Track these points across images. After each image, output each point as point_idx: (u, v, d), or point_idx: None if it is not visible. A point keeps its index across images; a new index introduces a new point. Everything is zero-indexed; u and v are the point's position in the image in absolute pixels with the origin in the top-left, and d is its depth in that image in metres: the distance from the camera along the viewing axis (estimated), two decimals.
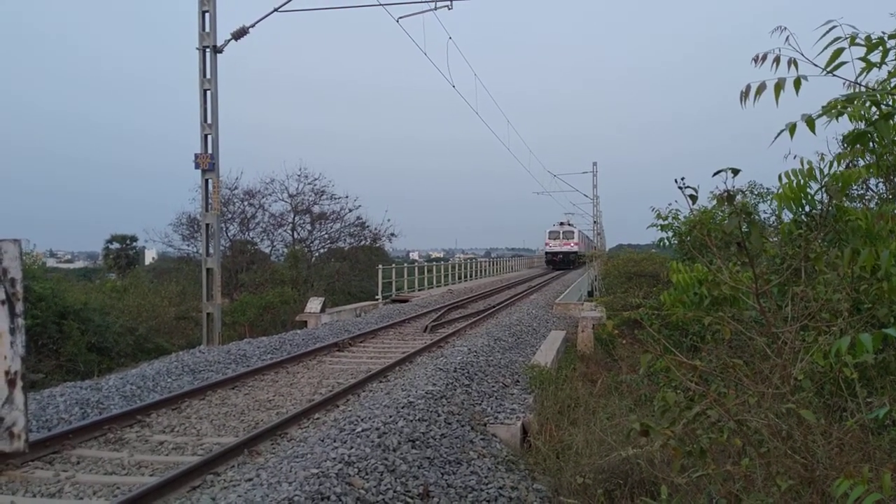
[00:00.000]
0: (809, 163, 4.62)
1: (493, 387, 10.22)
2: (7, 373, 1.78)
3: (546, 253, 65.13)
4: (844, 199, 4.84)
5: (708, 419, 3.47)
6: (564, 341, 15.64)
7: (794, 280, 4.03)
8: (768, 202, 13.68)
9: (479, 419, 8.45)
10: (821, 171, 4.59)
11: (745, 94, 2.66)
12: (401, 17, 17.90)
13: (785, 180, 4.69)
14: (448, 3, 18.05)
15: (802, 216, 4.94)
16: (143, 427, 7.83)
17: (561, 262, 61.79)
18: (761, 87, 2.63)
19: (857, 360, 2.98)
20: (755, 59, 2.72)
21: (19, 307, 1.85)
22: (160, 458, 6.74)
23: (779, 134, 2.69)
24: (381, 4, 17.29)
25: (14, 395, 1.75)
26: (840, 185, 4.12)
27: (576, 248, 62.57)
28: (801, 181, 4.64)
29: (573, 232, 63.79)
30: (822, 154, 5.09)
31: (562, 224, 64.79)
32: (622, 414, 7.99)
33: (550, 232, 64.40)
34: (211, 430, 7.73)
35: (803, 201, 4.75)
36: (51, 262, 75.34)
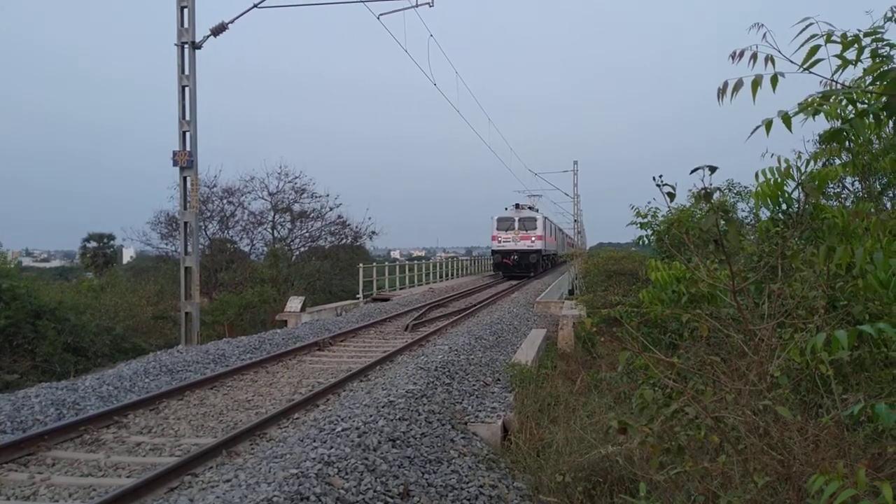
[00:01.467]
0: (787, 161, 4.67)
1: (473, 385, 10.21)
2: None
3: (494, 252, 41.85)
4: (821, 197, 4.89)
5: (686, 416, 3.48)
6: (545, 339, 15.68)
7: (771, 277, 4.06)
8: (747, 201, 13.82)
9: (460, 418, 8.44)
10: (798, 169, 4.64)
11: (722, 91, 2.67)
12: (381, 14, 17.90)
13: (762, 178, 4.73)
14: (429, 0, 18.04)
15: (779, 214, 4.99)
16: (119, 428, 7.73)
17: (517, 267, 40.22)
18: (738, 84, 2.64)
19: (833, 356, 3.00)
20: (732, 56, 2.73)
21: None
22: (137, 460, 6.67)
23: (754, 130, 2.70)
24: (361, 1, 17.25)
25: None
26: (816, 183, 4.16)
27: (539, 246, 40.88)
28: (778, 179, 4.68)
29: (536, 220, 41.38)
30: (800, 153, 5.13)
31: (519, 207, 42.31)
32: (602, 412, 8.02)
33: (500, 220, 41.34)
34: (189, 431, 7.65)
35: (780, 199, 4.80)
36: (27, 262, 74.29)
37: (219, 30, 16.32)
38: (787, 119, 2.63)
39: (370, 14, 16.58)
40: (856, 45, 2.80)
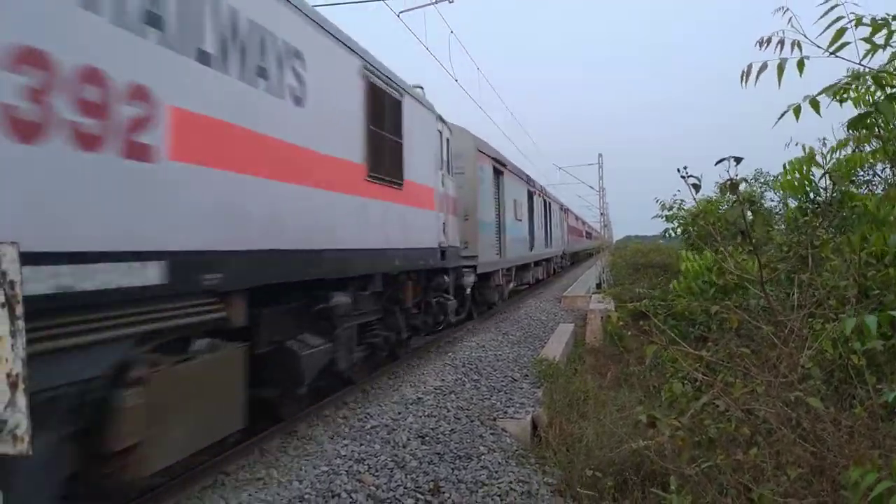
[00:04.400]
0: (811, 149, 4.60)
1: (501, 381, 10.20)
2: (9, 375, 1.78)
3: None
4: (850, 185, 4.81)
5: (716, 409, 3.46)
6: (573, 334, 15.60)
7: (801, 267, 4.00)
8: (775, 190, 13.62)
9: (489, 414, 8.44)
10: (824, 157, 4.57)
11: (745, 75, 2.64)
12: (402, 12, 17.76)
13: (789, 167, 4.67)
14: None
15: (808, 203, 4.91)
16: None
17: None
18: (763, 67, 2.60)
19: (866, 346, 2.96)
20: (759, 43, 2.70)
21: (19, 310, 1.85)
22: None
23: (782, 115, 2.66)
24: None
25: (16, 397, 1.76)
26: (844, 170, 4.09)
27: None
28: (805, 168, 4.62)
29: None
30: (825, 139, 5.05)
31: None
32: (632, 406, 7.97)
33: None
34: None
35: (807, 188, 4.73)
36: None
37: None
38: (814, 103, 2.59)
39: (390, 12, 16.50)
40: (885, 30, 2.74)
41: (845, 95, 2.72)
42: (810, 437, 3.12)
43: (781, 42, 2.61)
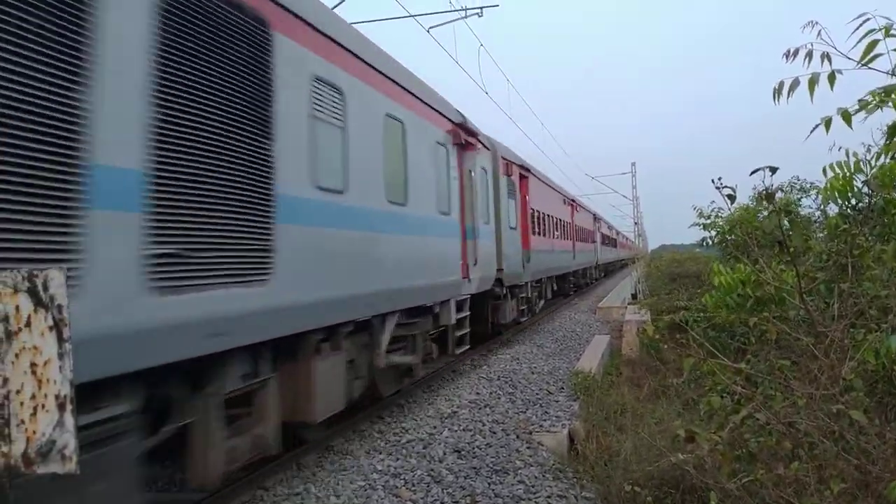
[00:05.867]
0: (855, 154, 4.50)
1: (537, 394, 10.15)
2: (57, 397, 1.84)
3: None
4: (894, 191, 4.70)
5: (756, 422, 3.40)
6: (609, 346, 15.46)
7: (841, 277, 3.93)
8: (812, 197, 13.36)
9: (525, 427, 8.40)
10: (868, 163, 4.47)
11: (777, 91, 2.61)
12: (431, 27, 17.96)
13: (830, 173, 4.58)
14: (478, 11, 18.08)
15: (849, 210, 4.82)
16: None
17: None
18: (795, 83, 2.58)
19: None
20: (786, 55, 2.68)
21: (66, 332, 1.92)
22: None
23: (814, 128, 2.64)
24: (411, 16, 17.43)
25: (64, 418, 1.82)
26: (887, 177, 4.00)
27: None
28: (847, 174, 4.52)
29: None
30: (869, 146, 4.94)
31: None
32: (670, 419, 7.86)
33: None
34: None
35: (849, 195, 4.63)
36: None
37: None
38: (846, 116, 2.56)
39: (420, 27, 16.73)
40: None
41: (881, 103, 2.68)
42: (854, 450, 3.05)
43: (810, 54, 2.59)
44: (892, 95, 2.64)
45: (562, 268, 24.03)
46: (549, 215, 21.69)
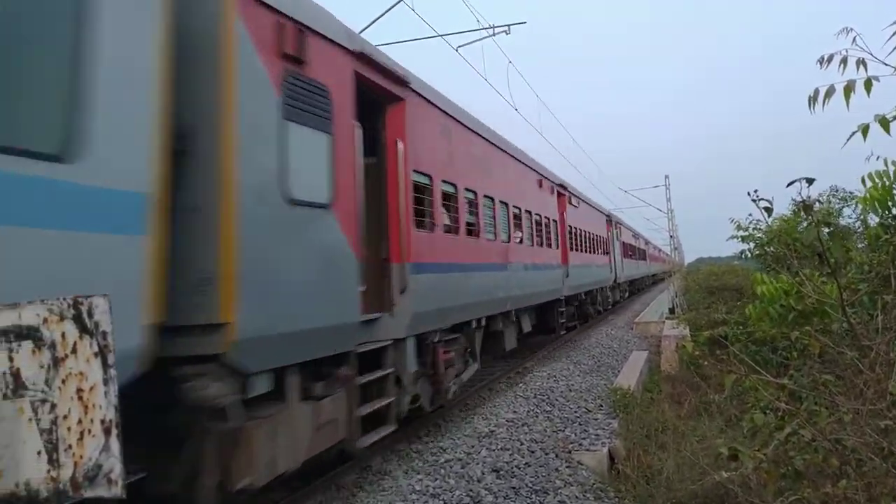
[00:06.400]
0: (895, 163, 4.40)
1: (575, 412, 10.04)
2: (103, 421, 1.90)
3: None
4: None
5: (801, 439, 3.32)
6: (647, 362, 15.24)
7: (884, 288, 3.83)
8: (853, 206, 13.08)
9: (564, 446, 8.31)
10: None
11: (813, 99, 2.58)
12: (460, 46, 18.11)
13: (869, 183, 4.48)
14: (506, 28, 18.21)
15: (889, 220, 4.70)
16: None
17: None
18: (830, 91, 2.55)
19: None
20: (820, 62, 2.64)
21: (111, 358, 1.97)
22: None
23: (851, 136, 2.59)
24: (439, 35, 17.60)
25: (110, 442, 1.86)
26: None
27: None
28: (886, 183, 4.43)
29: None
30: None
31: None
32: (713, 436, 7.70)
33: None
34: None
35: (889, 204, 4.53)
36: None
37: None
38: (884, 123, 2.51)
39: (449, 47, 16.89)
40: None
41: None
42: None
43: (844, 60, 2.55)
44: None
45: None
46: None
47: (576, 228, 20.28)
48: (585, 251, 21.80)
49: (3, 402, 2.18)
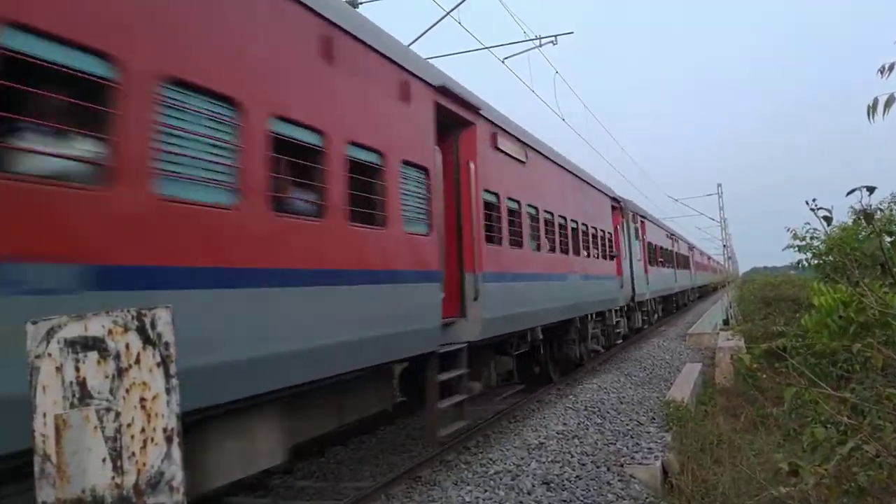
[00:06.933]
0: None
1: (627, 425, 9.89)
2: (165, 430, 1.97)
3: None
4: None
5: (865, 454, 3.21)
6: (701, 374, 14.92)
7: None
8: None
9: (616, 459, 8.19)
10: None
11: (872, 108, 2.51)
12: (506, 58, 18.13)
13: None
14: (553, 39, 18.17)
15: None
16: (285, 473, 8.15)
17: None
18: (890, 100, 2.48)
19: None
20: (881, 70, 2.57)
21: (173, 368, 2.05)
22: None
23: None
24: (486, 48, 17.67)
25: (172, 451, 1.94)
26: None
27: None
28: None
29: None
30: None
31: None
32: (770, 450, 7.49)
33: None
34: (348, 475, 7.94)
35: None
36: None
37: None
38: None
39: (495, 58, 16.93)
40: None
41: None
42: None
43: None
44: None
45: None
46: None
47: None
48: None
49: (71, 411, 2.27)
